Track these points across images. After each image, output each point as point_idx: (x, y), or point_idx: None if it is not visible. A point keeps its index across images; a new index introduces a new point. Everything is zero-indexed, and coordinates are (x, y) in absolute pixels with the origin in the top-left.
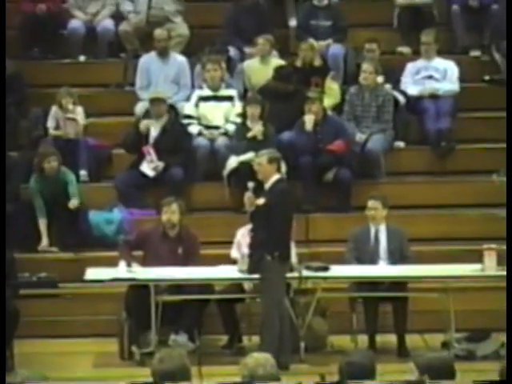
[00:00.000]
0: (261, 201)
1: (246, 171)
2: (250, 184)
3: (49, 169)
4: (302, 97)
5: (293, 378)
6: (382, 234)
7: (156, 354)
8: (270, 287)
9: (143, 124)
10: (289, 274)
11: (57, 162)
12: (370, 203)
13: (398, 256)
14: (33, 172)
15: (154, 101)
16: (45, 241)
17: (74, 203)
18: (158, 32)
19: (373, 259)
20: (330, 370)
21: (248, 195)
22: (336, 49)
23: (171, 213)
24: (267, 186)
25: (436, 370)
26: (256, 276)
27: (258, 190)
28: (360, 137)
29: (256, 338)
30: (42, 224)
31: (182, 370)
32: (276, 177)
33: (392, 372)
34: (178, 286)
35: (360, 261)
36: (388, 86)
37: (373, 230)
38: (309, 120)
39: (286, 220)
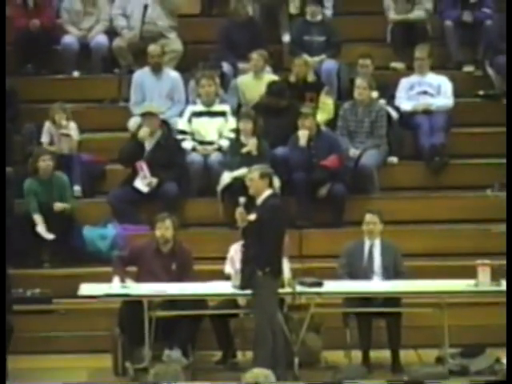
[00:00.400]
0: (252, 216)
1: (239, 187)
2: (241, 199)
3: (44, 167)
4: (296, 112)
5: None
6: (376, 249)
7: (151, 370)
8: (262, 303)
9: (143, 131)
10: (282, 290)
11: (51, 162)
12: (368, 217)
13: (392, 271)
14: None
15: (146, 115)
16: (40, 227)
17: (58, 206)
18: (152, 48)
19: (367, 274)
20: None
21: (239, 211)
22: (329, 64)
23: (165, 229)
24: (259, 201)
25: None
26: (249, 291)
27: (250, 206)
28: (354, 152)
29: (250, 354)
30: (37, 216)
31: None
32: (268, 192)
33: None
34: (171, 302)
35: (353, 276)
36: (382, 102)
37: (367, 245)
38: (303, 135)
39: (277, 235)
